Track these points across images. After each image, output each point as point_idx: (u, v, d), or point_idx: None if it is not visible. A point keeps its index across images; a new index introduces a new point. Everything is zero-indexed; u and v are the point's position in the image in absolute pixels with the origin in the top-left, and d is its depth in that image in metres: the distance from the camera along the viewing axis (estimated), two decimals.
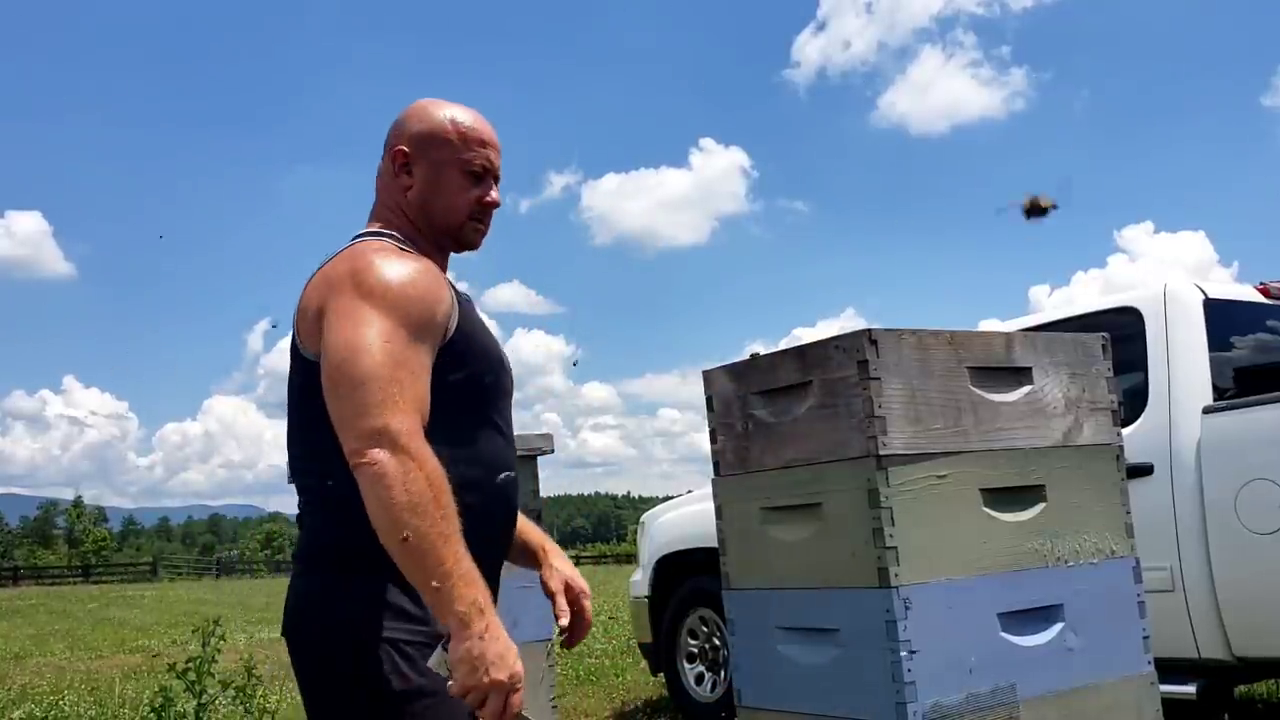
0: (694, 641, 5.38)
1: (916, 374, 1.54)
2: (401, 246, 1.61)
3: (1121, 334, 3.62)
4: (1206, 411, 3.75)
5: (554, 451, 3.66)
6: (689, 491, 5.99)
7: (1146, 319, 3.98)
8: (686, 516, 5.38)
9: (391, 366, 1.43)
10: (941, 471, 1.53)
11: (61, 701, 7.18)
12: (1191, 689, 3.61)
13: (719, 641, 5.26)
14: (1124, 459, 1.76)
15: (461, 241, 1.72)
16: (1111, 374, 1.77)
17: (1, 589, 29.65)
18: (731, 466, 1.72)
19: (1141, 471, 3.69)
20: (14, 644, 11.97)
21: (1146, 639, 1.72)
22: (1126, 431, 3.23)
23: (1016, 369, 1.66)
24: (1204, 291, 4.02)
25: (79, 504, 76.82)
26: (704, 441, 1.78)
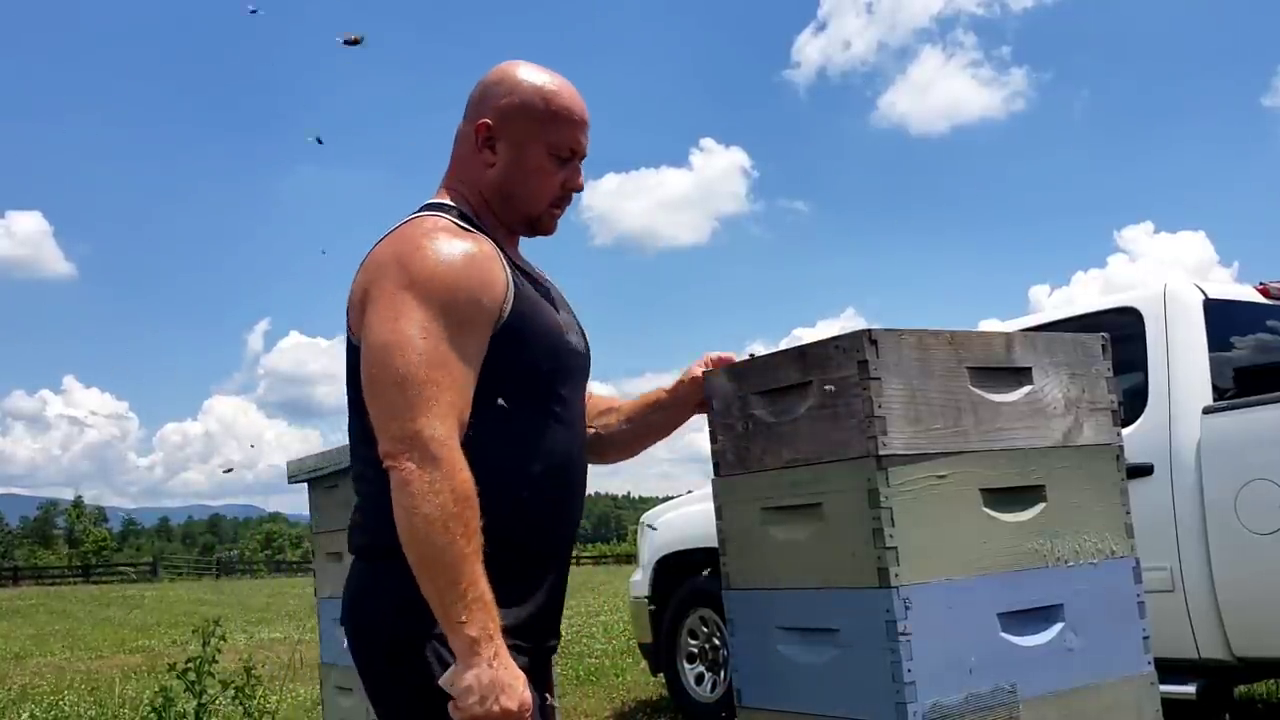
0: (694, 641, 5.38)
1: (916, 374, 1.54)
2: (460, 224, 1.50)
3: (1121, 334, 3.61)
4: (1206, 411, 3.75)
5: None
6: (689, 491, 5.99)
7: (1146, 319, 3.98)
8: (686, 517, 5.38)
9: (429, 366, 1.35)
10: (941, 471, 1.53)
11: (61, 701, 7.18)
12: (1191, 689, 3.61)
13: (719, 641, 5.26)
14: (1124, 459, 1.76)
15: (537, 228, 1.62)
16: (1111, 374, 1.77)
17: (1, 589, 29.63)
18: (731, 466, 1.72)
19: (1141, 471, 3.69)
20: (14, 644, 11.97)
21: (1146, 639, 1.71)
22: (1126, 431, 3.23)
23: (1016, 369, 1.66)
24: (1204, 291, 4.01)
25: (79, 504, 76.85)
26: (704, 441, 1.78)
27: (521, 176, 1.57)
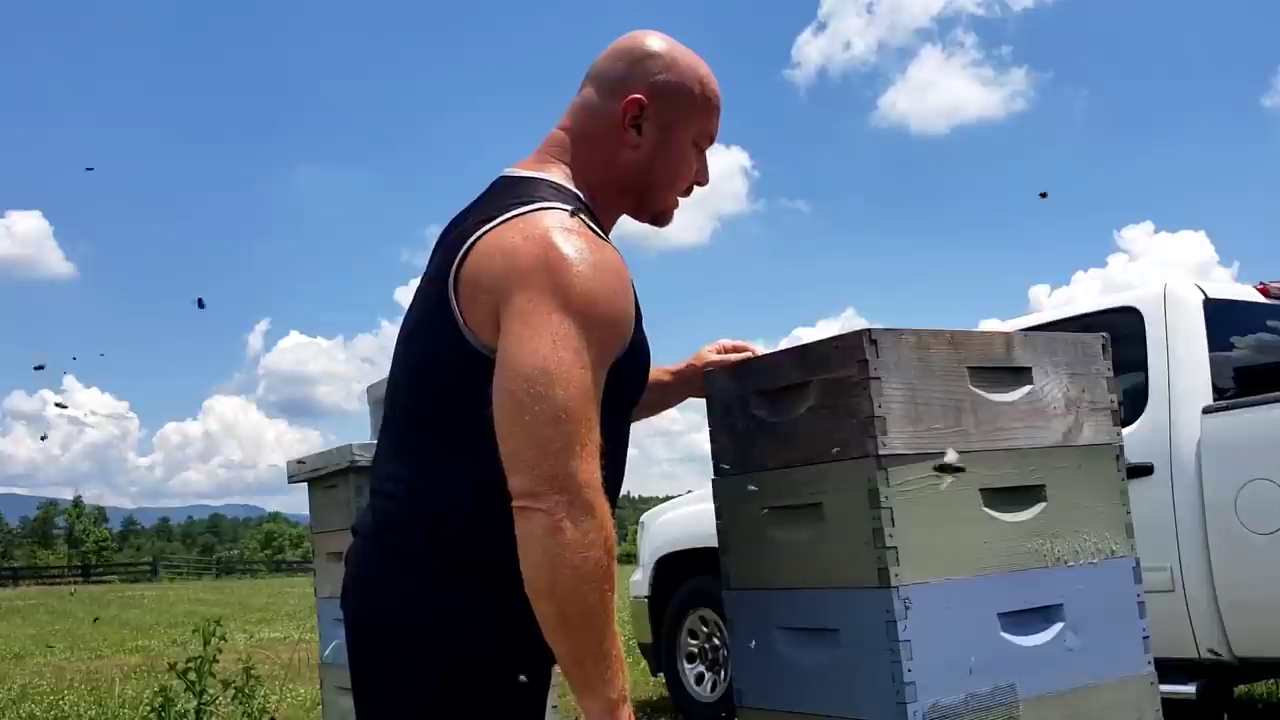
0: (694, 641, 5.38)
1: (916, 374, 1.54)
2: (591, 226, 1.34)
3: (1122, 334, 3.61)
4: (1206, 411, 3.75)
5: None
6: (689, 491, 5.99)
7: (1147, 319, 3.98)
8: (686, 516, 5.39)
9: (584, 402, 1.23)
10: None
11: (61, 701, 7.18)
12: (1191, 689, 3.62)
13: (719, 641, 5.26)
14: (1124, 459, 1.76)
15: (659, 220, 1.51)
16: (1111, 374, 1.77)
17: (1, 589, 29.63)
18: (732, 467, 1.72)
19: (1141, 471, 3.69)
20: (14, 644, 11.97)
21: (1147, 639, 1.72)
22: (1126, 431, 3.23)
23: (1016, 369, 1.66)
24: (1204, 291, 4.02)
25: (79, 504, 76.80)
26: (704, 441, 1.78)
27: (665, 163, 1.45)
